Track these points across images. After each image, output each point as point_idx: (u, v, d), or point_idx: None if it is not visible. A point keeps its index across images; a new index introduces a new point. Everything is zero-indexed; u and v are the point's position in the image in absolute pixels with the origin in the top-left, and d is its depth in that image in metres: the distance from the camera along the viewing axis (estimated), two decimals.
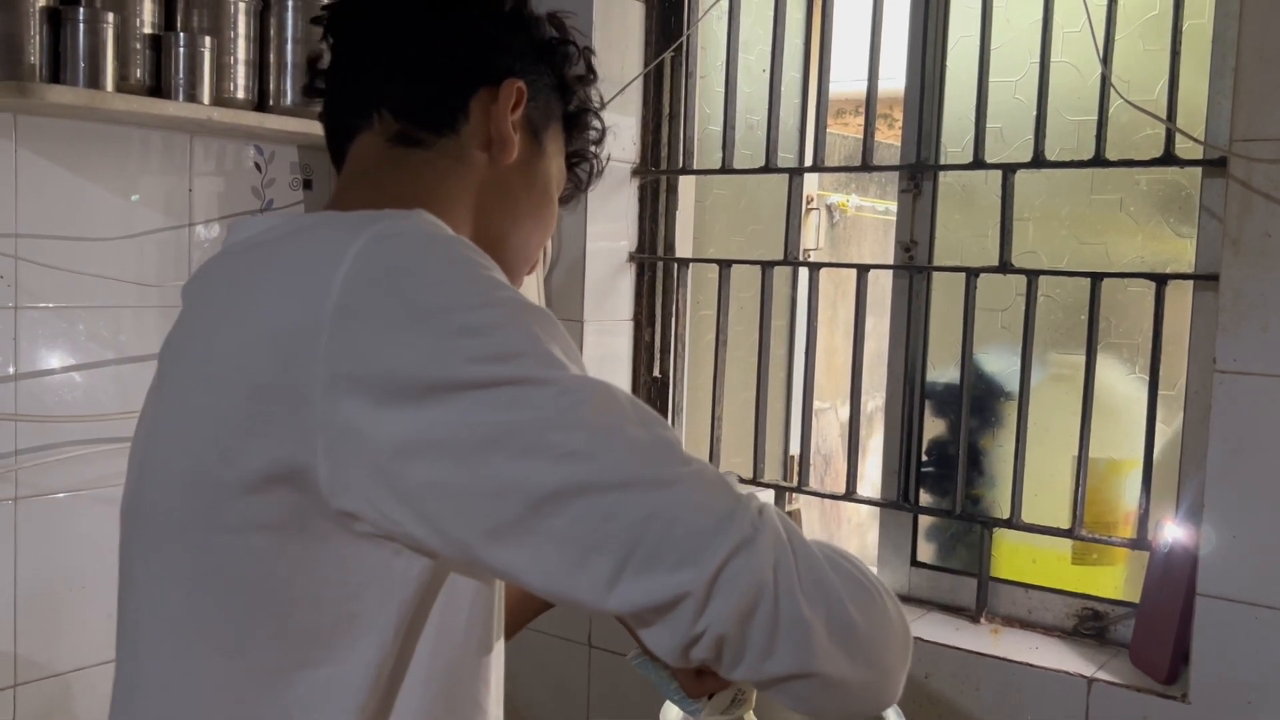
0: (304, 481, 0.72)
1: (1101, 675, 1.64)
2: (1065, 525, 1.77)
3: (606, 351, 2.19)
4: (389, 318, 0.70)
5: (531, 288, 2.09)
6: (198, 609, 0.78)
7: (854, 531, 5.45)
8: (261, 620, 0.76)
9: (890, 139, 3.24)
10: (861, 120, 1.99)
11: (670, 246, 2.23)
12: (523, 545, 0.68)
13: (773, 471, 2.17)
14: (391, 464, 0.69)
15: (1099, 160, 1.71)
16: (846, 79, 2.18)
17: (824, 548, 0.76)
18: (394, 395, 0.68)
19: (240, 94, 1.86)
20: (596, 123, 1.03)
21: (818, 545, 0.76)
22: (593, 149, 1.04)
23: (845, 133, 4.45)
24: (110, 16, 1.67)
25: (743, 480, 2.11)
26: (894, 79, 1.96)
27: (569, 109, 1.00)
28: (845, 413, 2.02)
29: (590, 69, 1.01)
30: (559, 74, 0.98)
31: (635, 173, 2.20)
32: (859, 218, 4.82)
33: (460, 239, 0.77)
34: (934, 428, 1.96)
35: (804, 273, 2.07)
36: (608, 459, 0.68)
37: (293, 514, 0.73)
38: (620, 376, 2.23)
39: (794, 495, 2.21)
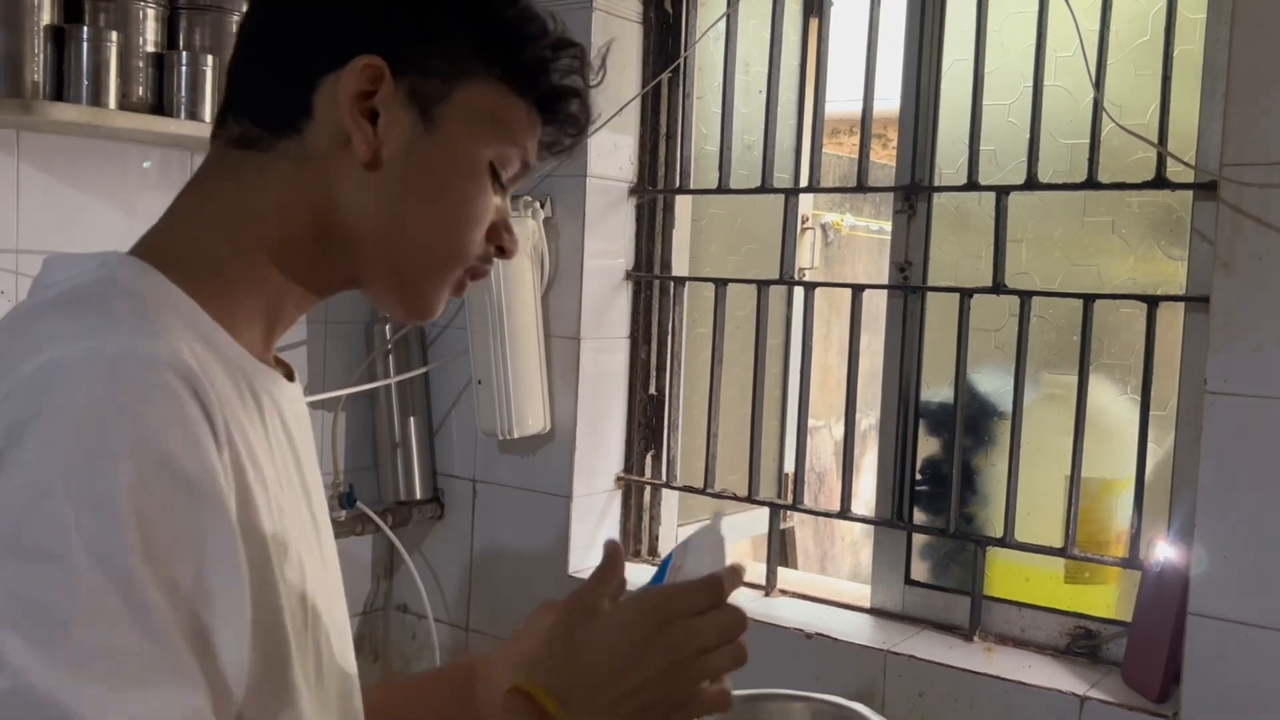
0: None
1: (1094, 694, 1.65)
2: (1058, 544, 1.78)
3: (603, 369, 2.21)
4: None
5: (529, 306, 2.10)
6: None
7: (849, 550, 5.45)
8: None
9: (885, 159, 3.25)
10: (857, 139, 2.00)
11: (667, 265, 2.25)
12: None
13: (767, 489, 2.18)
14: None
15: (1091, 183, 1.73)
16: (843, 99, 2.20)
17: None
18: None
19: None
20: (547, 51, 0.81)
21: None
22: (565, 81, 0.82)
23: (841, 152, 4.48)
24: (113, 35, 1.69)
25: (737, 498, 2.12)
26: (890, 99, 1.98)
27: (505, 49, 0.80)
28: (840, 430, 2.03)
29: None
30: (470, 20, 0.79)
31: (632, 192, 2.22)
32: (853, 237, 4.85)
33: (157, 366, 0.67)
34: (928, 446, 1.98)
35: (799, 291, 2.08)
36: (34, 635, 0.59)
37: None
38: (617, 393, 2.24)
39: (789, 513, 2.22)
